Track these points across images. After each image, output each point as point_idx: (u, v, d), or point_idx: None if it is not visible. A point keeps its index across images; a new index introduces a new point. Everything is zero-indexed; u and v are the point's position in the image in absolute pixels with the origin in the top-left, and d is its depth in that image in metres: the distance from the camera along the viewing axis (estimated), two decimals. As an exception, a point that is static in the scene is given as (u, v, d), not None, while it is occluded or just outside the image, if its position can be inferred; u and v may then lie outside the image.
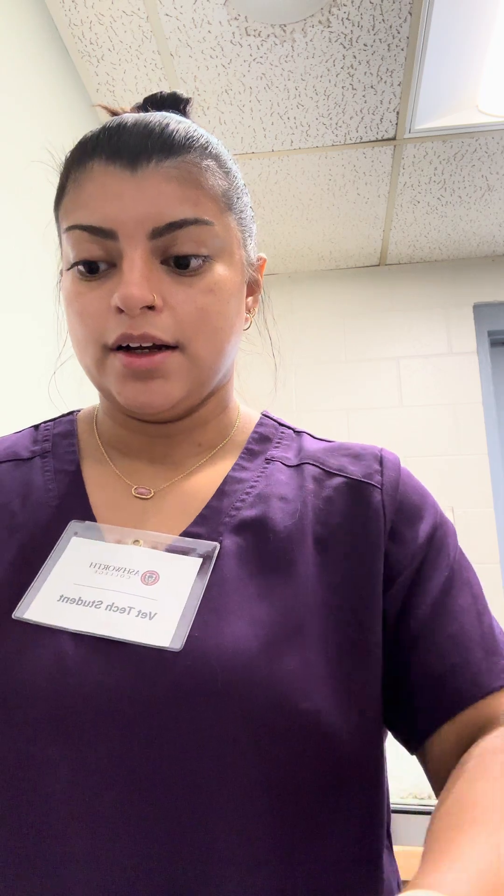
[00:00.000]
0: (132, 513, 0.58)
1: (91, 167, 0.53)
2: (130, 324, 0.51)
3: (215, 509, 0.57)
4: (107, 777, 0.45)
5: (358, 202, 2.24)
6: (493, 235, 2.51)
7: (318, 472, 0.61)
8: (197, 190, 0.53)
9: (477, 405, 2.56)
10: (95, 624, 0.49)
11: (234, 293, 0.57)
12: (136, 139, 0.53)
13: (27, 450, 0.64)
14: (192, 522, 0.56)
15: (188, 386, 0.55)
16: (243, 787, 0.45)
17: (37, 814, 0.45)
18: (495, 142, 1.94)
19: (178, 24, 1.49)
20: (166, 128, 0.54)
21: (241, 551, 0.54)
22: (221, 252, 0.55)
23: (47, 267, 1.28)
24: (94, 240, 0.52)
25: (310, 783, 0.47)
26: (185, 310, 0.53)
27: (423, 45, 1.54)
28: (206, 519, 0.56)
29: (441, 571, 0.57)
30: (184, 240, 0.52)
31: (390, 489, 0.60)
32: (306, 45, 1.55)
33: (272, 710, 0.46)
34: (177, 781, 0.45)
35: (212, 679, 0.46)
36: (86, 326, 0.54)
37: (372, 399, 2.60)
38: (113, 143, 0.53)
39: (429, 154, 1.99)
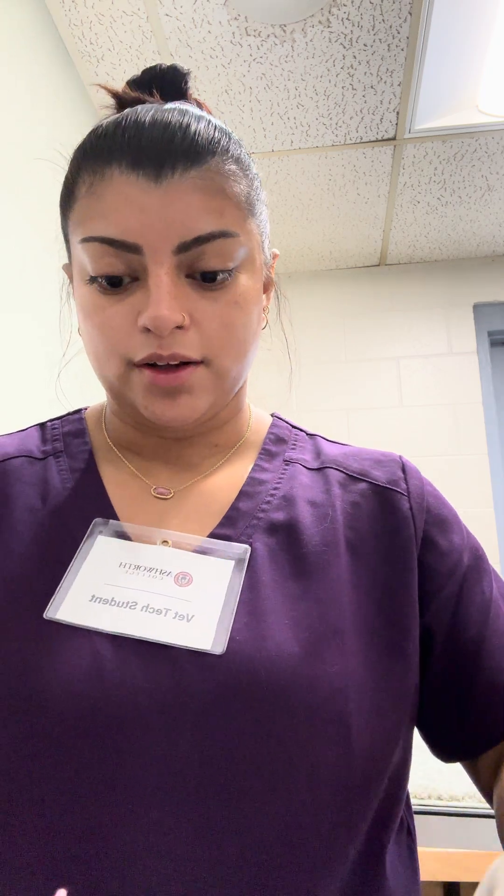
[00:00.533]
0: (154, 513, 0.57)
1: (110, 175, 0.50)
2: (160, 344, 0.50)
3: (241, 511, 0.57)
4: (149, 783, 0.44)
5: (358, 202, 2.24)
6: (493, 235, 2.51)
7: (342, 477, 0.61)
8: (222, 200, 0.51)
9: (477, 405, 2.56)
10: (132, 625, 0.48)
11: (256, 301, 0.56)
12: (159, 145, 0.50)
13: (39, 449, 0.62)
14: (219, 524, 0.56)
15: (213, 399, 0.55)
16: (288, 790, 0.45)
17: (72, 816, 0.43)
18: (495, 142, 1.94)
19: (178, 24, 1.49)
20: (188, 130, 0.51)
21: (273, 554, 0.54)
22: (245, 262, 0.54)
23: (47, 267, 1.28)
24: (116, 254, 0.50)
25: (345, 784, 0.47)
26: (211, 326, 0.52)
27: (423, 45, 1.54)
28: (233, 520, 0.56)
29: (485, 585, 0.58)
30: (211, 254, 0.51)
31: (417, 497, 0.60)
32: (306, 45, 1.55)
33: (315, 713, 0.46)
34: (223, 787, 0.44)
35: (256, 683, 0.46)
36: (108, 341, 0.52)
37: (372, 399, 2.60)
38: (133, 149, 0.50)
39: (429, 154, 1.99)
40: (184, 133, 0.51)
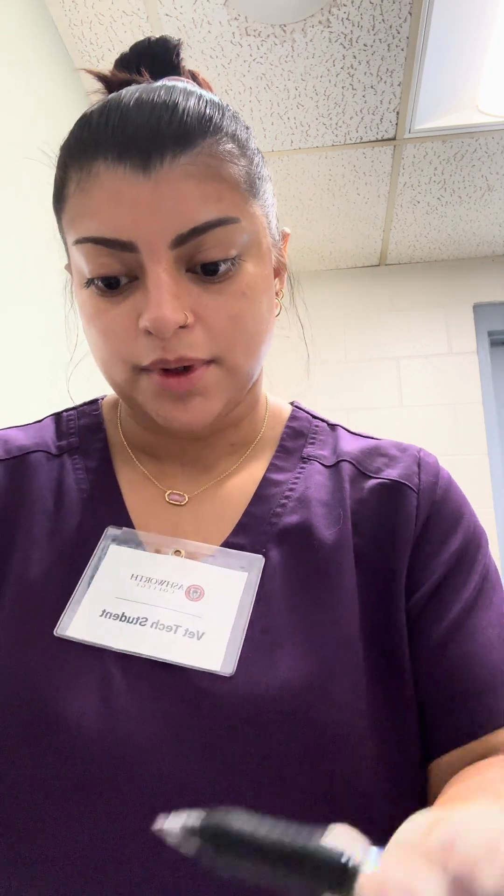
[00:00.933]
0: (168, 519, 0.55)
1: (97, 170, 0.46)
2: (164, 347, 0.47)
3: (255, 516, 0.55)
4: (157, 809, 0.42)
5: (358, 202, 2.24)
6: (493, 235, 2.51)
7: (355, 473, 0.58)
8: (218, 184, 0.47)
9: (477, 405, 2.56)
10: (141, 644, 0.47)
11: (267, 288, 0.52)
12: (145, 131, 0.46)
13: (54, 444, 0.60)
14: (232, 532, 0.54)
15: (227, 398, 0.52)
16: (303, 813, 0.44)
17: (79, 845, 0.43)
18: (495, 142, 1.94)
19: (178, 24, 1.49)
20: (175, 110, 0.47)
21: (286, 563, 0.52)
22: (250, 247, 0.50)
23: (47, 266, 1.28)
24: (110, 253, 0.47)
25: (362, 806, 0.46)
26: (218, 321, 0.48)
27: (423, 45, 1.54)
28: (247, 528, 0.54)
29: (466, 589, 0.54)
30: (210, 244, 0.47)
31: (427, 493, 0.57)
32: (306, 45, 1.55)
33: (326, 735, 0.45)
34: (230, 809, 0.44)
35: (265, 705, 0.45)
36: (112, 346, 0.49)
37: (372, 399, 2.60)
38: (118, 138, 0.46)
39: (429, 154, 1.99)
40: (171, 114, 0.46)
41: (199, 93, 0.50)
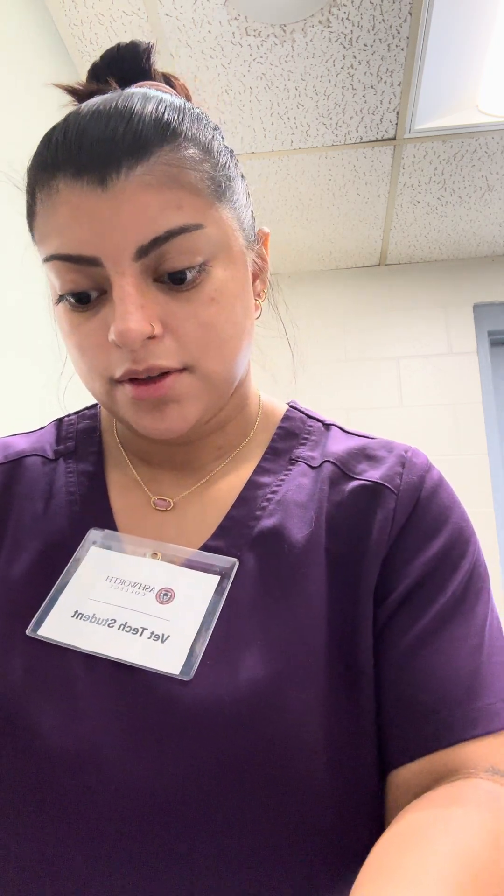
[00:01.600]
0: (153, 523, 0.55)
1: (57, 187, 0.47)
2: (133, 358, 0.47)
3: (235, 519, 0.54)
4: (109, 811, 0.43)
5: (358, 202, 2.24)
6: (493, 235, 2.51)
7: (336, 474, 0.57)
8: (178, 190, 0.47)
9: (477, 405, 2.57)
10: (107, 645, 0.47)
11: (240, 292, 0.52)
12: (101, 144, 0.46)
13: (52, 449, 0.61)
14: (212, 535, 0.54)
15: (204, 404, 0.51)
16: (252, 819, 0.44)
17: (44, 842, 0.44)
18: (495, 142, 1.94)
19: (178, 24, 1.49)
20: (131, 120, 0.46)
21: (258, 567, 0.52)
22: (218, 252, 0.49)
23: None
24: (77, 269, 0.47)
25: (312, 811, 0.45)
26: (187, 330, 0.48)
27: (423, 45, 1.54)
28: (227, 531, 0.54)
29: (441, 597, 0.51)
30: (174, 253, 0.47)
31: (408, 495, 0.55)
32: (306, 45, 1.55)
33: (280, 743, 0.45)
34: (175, 816, 0.43)
35: (219, 712, 0.44)
36: (87, 360, 0.50)
37: (372, 399, 2.60)
38: (75, 155, 0.46)
39: (429, 154, 1.99)
40: (126, 124, 0.46)
41: (159, 97, 0.49)
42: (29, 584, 0.52)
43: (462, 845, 0.37)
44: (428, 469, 0.58)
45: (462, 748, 0.47)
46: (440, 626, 0.50)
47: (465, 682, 0.48)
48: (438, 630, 0.50)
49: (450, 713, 0.47)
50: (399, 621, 0.51)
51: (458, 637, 0.50)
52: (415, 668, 0.49)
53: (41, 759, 0.44)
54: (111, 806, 0.43)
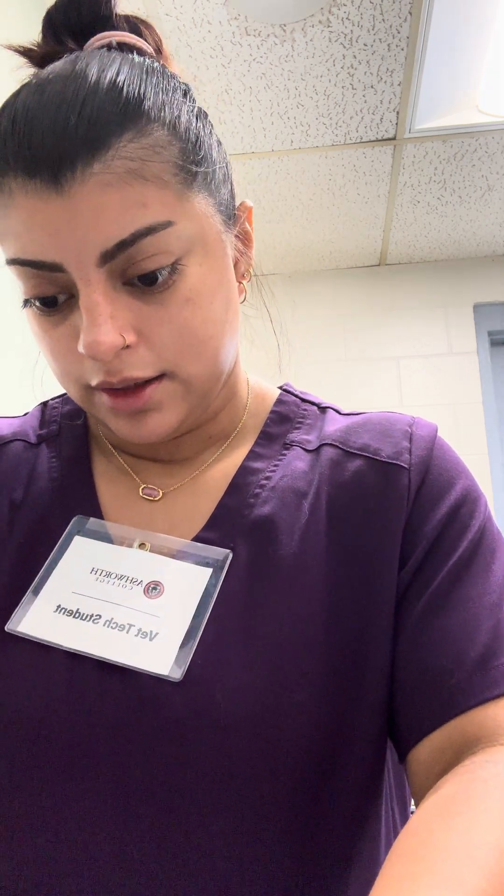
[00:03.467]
0: (141, 512, 0.52)
1: (9, 187, 0.42)
2: (107, 370, 0.44)
3: (228, 508, 0.51)
4: (97, 814, 0.42)
5: (358, 202, 2.24)
6: (493, 235, 2.51)
7: (338, 454, 0.54)
8: (142, 186, 0.41)
9: (477, 405, 2.56)
10: (91, 643, 0.45)
11: (219, 284, 0.47)
12: (52, 140, 0.40)
13: (35, 433, 0.58)
14: (205, 525, 0.51)
15: (187, 408, 0.49)
16: (242, 820, 0.43)
17: (21, 844, 0.42)
18: (495, 142, 1.94)
19: (178, 24, 1.49)
20: (84, 105, 0.40)
21: (252, 559, 0.49)
22: (192, 246, 0.45)
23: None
24: (40, 274, 0.43)
25: (308, 805, 0.44)
26: (163, 336, 0.44)
27: (423, 45, 1.54)
28: (219, 520, 0.51)
29: (452, 557, 0.49)
30: (142, 255, 0.42)
31: (419, 470, 0.52)
32: (306, 44, 1.55)
33: (274, 745, 0.43)
34: (168, 822, 0.42)
35: (213, 715, 0.42)
36: (60, 366, 0.47)
37: (372, 399, 2.60)
38: (24, 151, 0.41)
39: (429, 154, 1.99)
40: (79, 112, 0.40)
41: (117, 67, 0.43)
42: (8, 575, 0.49)
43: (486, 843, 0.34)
44: (434, 440, 0.55)
45: (481, 712, 0.43)
46: (452, 587, 0.47)
47: (482, 642, 0.45)
48: (451, 591, 0.47)
49: (465, 675, 0.44)
50: (412, 590, 0.49)
51: (473, 596, 0.47)
52: (428, 633, 0.46)
53: (20, 761, 0.43)
54: (98, 811, 0.42)
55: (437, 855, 0.32)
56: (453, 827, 0.34)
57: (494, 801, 0.36)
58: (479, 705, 0.43)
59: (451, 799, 0.37)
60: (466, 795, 0.37)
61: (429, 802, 0.38)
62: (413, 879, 0.31)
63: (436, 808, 0.37)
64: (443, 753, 0.44)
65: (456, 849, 0.33)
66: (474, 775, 0.39)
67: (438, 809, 0.37)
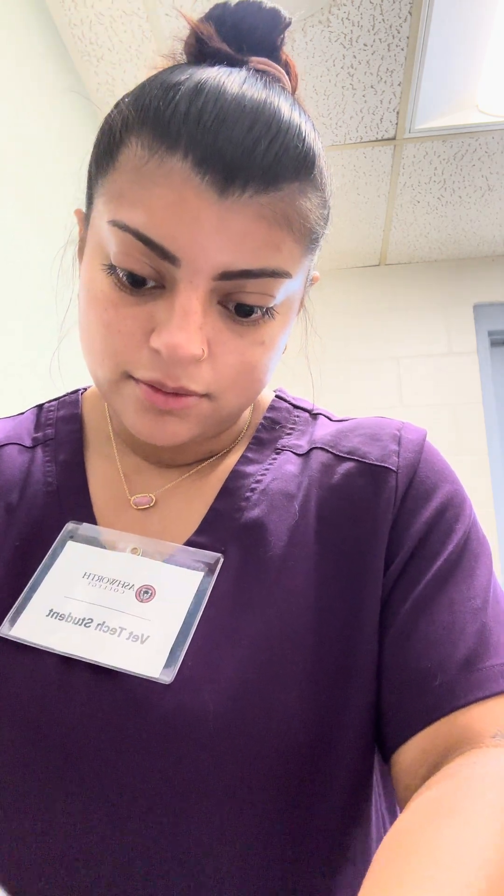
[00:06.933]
0: (135, 516, 0.53)
1: (170, 164, 0.41)
2: (167, 372, 0.44)
3: (219, 512, 0.52)
4: (90, 817, 0.42)
5: (358, 202, 2.24)
6: (494, 235, 2.51)
7: (327, 458, 0.55)
8: (286, 233, 0.44)
9: (477, 405, 2.56)
10: (83, 647, 0.45)
11: (283, 339, 0.50)
12: (237, 151, 0.41)
13: (30, 436, 0.59)
14: (197, 529, 0.51)
15: (206, 428, 0.49)
16: (233, 824, 0.43)
17: (14, 846, 0.43)
18: (495, 142, 1.94)
19: (178, 25, 1.49)
20: (275, 140, 0.42)
21: (243, 562, 0.49)
22: (287, 301, 0.48)
23: (44, 266, 1.28)
24: (149, 254, 0.43)
25: (299, 807, 0.45)
26: (228, 362, 0.46)
27: (423, 45, 1.54)
28: (211, 524, 0.52)
29: (437, 561, 0.50)
30: (253, 289, 0.44)
31: (406, 473, 0.53)
32: (306, 44, 1.55)
33: (265, 747, 0.43)
34: (158, 824, 0.42)
35: (203, 717, 0.43)
36: (110, 345, 0.46)
37: (372, 399, 2.60)
38: (206, 143, 0.41)
39: (429, 154, 1.99)
40: (269, 143, 0.42)
41: (302, 118, 0.45)
42: (3, 579, 0.50)
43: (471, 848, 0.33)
44: (422, 442, 0.56)
45: (465, 714, 0.43)
46: (438, 591, 0.48)
47: (466, 645, 0.46)
48: (436, 595, 0.48)
49: (450, 678, 0.45)
50: (397, 592, 0.49)
51: (458, 600, 0.48)
52: (413, 636, 0.47)
53: (20, 766, 0.43)
54: (90, 812, 0.42)
55: (426, 856, 0.32)
56: (441, 828, 0.34)
57: (481, 803, 0.36)
58: (463, 707, 0.44)
59: (438, 801, 0.37)
60: (454, 797, 0.37)
61: (416, 804, 0.38)
62: (401, 880, 0.31)
63: (423, 809, 0.37)
64: (427, 755, 0.44)
65: (444, 850, 0.33)
66: (461, 777, 0.39)
67: (426, 811, 0.36)
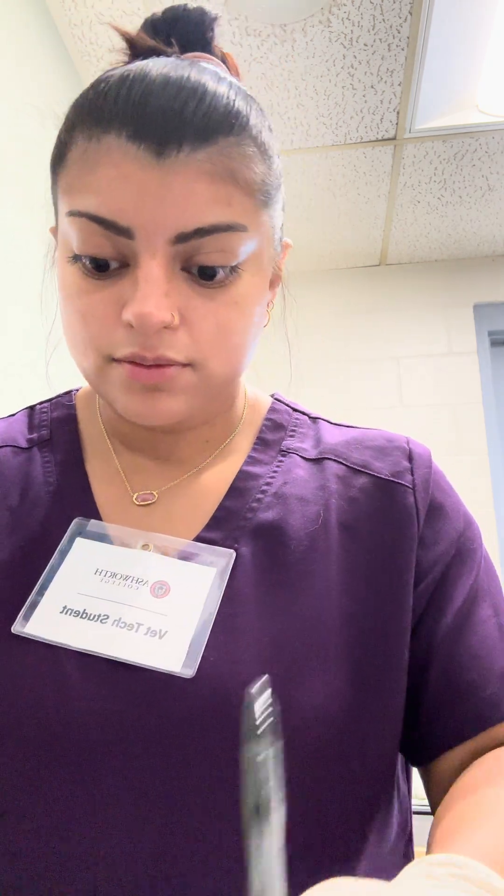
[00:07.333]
0: (140, 513, 0.53)
1: (108, 143, 0.43)
2: (143, 344, 0.45)
3: (230, 510, 0.53)
4: (110, 813, 0.42)
5: (358, 202, 2.24)
6: (494, 235, 2.50)
7: (342, 470, 0.56)
8: (232, 187, 0.45)
9: (477, 405, 2.56)
10: (101, 642, 0.45)
11: (259, 300, 0.50)
12: (168, 115, 0.42)
13: (24, 437, 0.58)
14: (206, 526, 0.52)
15: (196, 402, 0.50)
16: None
17: (38, 843, 0.42)
18: (495, 141, 1.94)
19: (178, 24, 1.49)
20: (204, 98, 0.43)
21: (258, 560, 0.50)
22: (252, 258, 0.48)
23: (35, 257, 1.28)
24: (105, 234, 0.44)
25: (324, 805, 0.45)
26: (204, 327, 0.46)
27: (424, 45, 1.54)
28: (221, 522, 0.52)
29: (466, 579, 0.53)
30: (212, 248, 0.45)
31: (422, 489, 0.55)
32: (306, 44, 1.55)
33: (289, 743, 0.42)
34: (187, 818, 0.42)
35: (227, 709, 0.42)
36: (87, 331, 0.47)
37: (372, 399, 2.60)
38: (138, 115, 0.42)
39: (429, 154, 1.99)
40: (198, 103, 0.43)
41: (230, 81, 0.47)
42: (9, 579, 0.49)
43: None
44: (430, 459, 0.59)
45: None
46: (471, 608, 0.53)
47: (502, 659, 0.51)
48: (469, 613, 0.52)
49: (496, 690, 0.49)
50: (433, 611, 0.52)
51: (485, 618, 0.52)
52: (455, 651, 0.51)
53: (41, 764, 0.43)
54: (110, 808, 0.42)
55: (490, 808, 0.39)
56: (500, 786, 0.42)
57: None
58: None
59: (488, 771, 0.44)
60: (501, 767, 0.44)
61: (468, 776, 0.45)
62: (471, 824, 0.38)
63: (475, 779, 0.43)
64: (471, 760, 0.48)
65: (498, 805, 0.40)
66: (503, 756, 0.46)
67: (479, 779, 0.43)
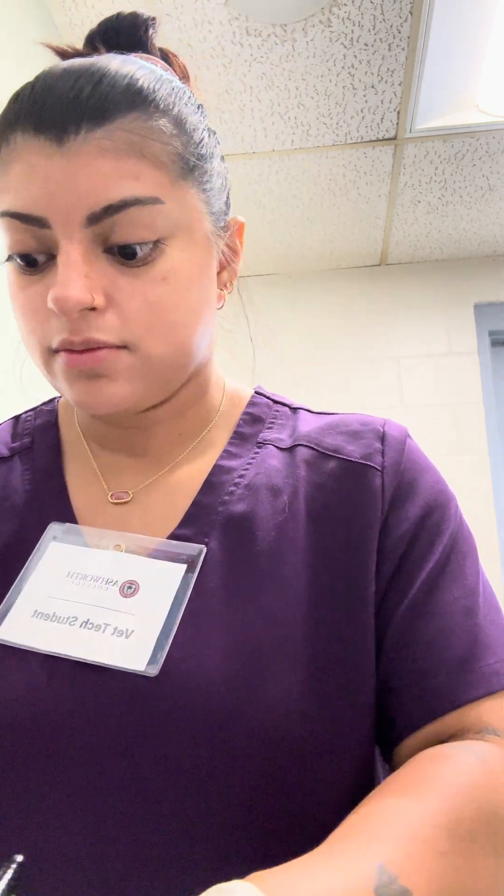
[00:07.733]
0: (116, 514, 0.53)
1: (15, 141, 0.45)
2: (70, 328, 0.45)
3: (202, 506, 0.52)
4: (77, 813, 0.42)
5: (359, 202, 2.24)
6: (494, 235, 2.50)
7: (312, 455, 0.55)
8: (138, 161, 0.44)
9: (477, 405, 2.56)
10: (68, 644, 0.45)
11: (197, 276, 0.49)
12: (63, 103, 0.43)
13: (7, 446, 0.59)
14: (180, 523, 0.52)
15: (141, 386, 0.49)
16: (223, 819, 0.43)
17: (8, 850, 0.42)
18: (496, 141, 1.94)
19: (178, 24, 1.49)
20: (100, 82, 0.44)
21: (227, 554, 0.50)
22: (176, 231, 0.47)
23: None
24: (26, 229, 0.45)
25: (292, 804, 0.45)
26: (132, 306, 0.46)
27: (424, 45, 1.54)
28: (193, 518, 0.52)
29: (429, 561, 0.51)
30: (125, 224, 0.44)
31: (392, 471, 0.54)
32: (307, 44, 1.55)
33: (256, 739, 0.43)
34: (149, 817, 0.42)
35: (190, 708, 0.43)
36: (28, 326, 0.48)
37: (372, 399, 2.60)
38: (37, 110, 0.44)
39: (429, 154, 1.99)
40: (93, 86, 0.44)
41: (139, 64, 0.47)
42: None
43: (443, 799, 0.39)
44: (405, 441, 0.57)
45: (463, 712, 0.46)
46: (430, 592, 0.50)
47: (461, 646, 0.48)
48: (429, 596, 0.50)
49: (448, 678, 0.47)
50: (391, 594, 0.51)
51: (449, 601, 0.50)
52: (410, 638, 0.49)
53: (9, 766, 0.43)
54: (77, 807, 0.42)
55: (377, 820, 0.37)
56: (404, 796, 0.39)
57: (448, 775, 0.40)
58: (460, 706, 0.47)
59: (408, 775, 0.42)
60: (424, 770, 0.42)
61: (393, 776, 0.42)
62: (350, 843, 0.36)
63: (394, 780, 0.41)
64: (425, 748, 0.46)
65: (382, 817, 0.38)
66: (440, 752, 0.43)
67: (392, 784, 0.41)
